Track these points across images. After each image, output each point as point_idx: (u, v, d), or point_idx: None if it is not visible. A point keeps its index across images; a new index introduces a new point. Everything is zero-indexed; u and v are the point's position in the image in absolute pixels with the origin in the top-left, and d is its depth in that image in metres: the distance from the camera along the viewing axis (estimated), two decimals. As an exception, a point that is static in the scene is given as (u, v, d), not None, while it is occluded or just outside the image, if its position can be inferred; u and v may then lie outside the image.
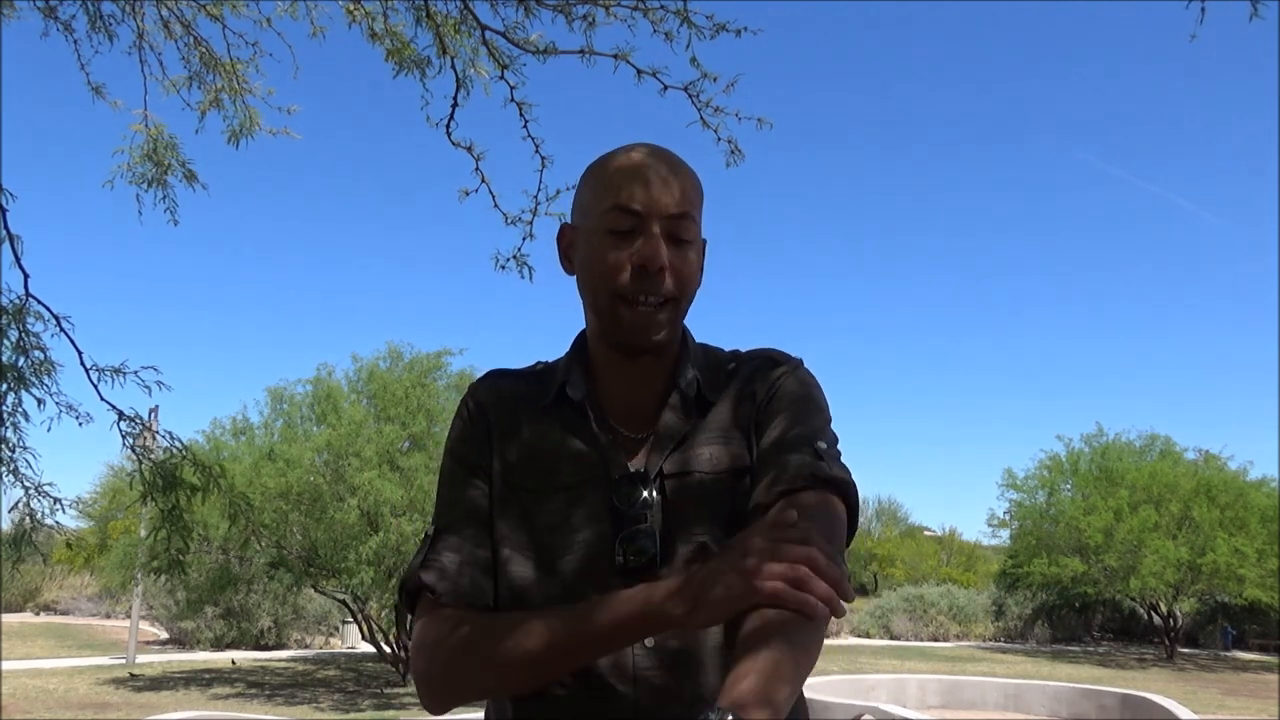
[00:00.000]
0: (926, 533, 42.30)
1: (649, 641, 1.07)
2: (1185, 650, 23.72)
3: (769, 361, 1.21)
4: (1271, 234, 45.04)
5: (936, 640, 25.85)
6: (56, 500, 3.74)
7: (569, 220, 1.23)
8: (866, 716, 9.47)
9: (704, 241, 1.21)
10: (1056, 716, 12.48)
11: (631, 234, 1.10)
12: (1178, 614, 23.00)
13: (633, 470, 1.13)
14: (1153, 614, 22.98)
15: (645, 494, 1.11)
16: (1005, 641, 26.29)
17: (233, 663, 16.31)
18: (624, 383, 1.18)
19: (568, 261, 1.21)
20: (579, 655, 1.01)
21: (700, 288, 1.20)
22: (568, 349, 1.23)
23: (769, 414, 1.15)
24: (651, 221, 1.10)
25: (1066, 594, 24.22)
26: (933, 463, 61.62)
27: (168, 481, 3.71)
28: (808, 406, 1.16)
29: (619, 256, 1.10)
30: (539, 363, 1.25)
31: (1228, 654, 23.90)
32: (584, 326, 1.22)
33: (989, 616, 27.33)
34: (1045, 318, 53.80)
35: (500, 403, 1.20)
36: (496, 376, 1.24)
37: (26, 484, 3.65)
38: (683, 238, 1.12)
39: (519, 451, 1.16)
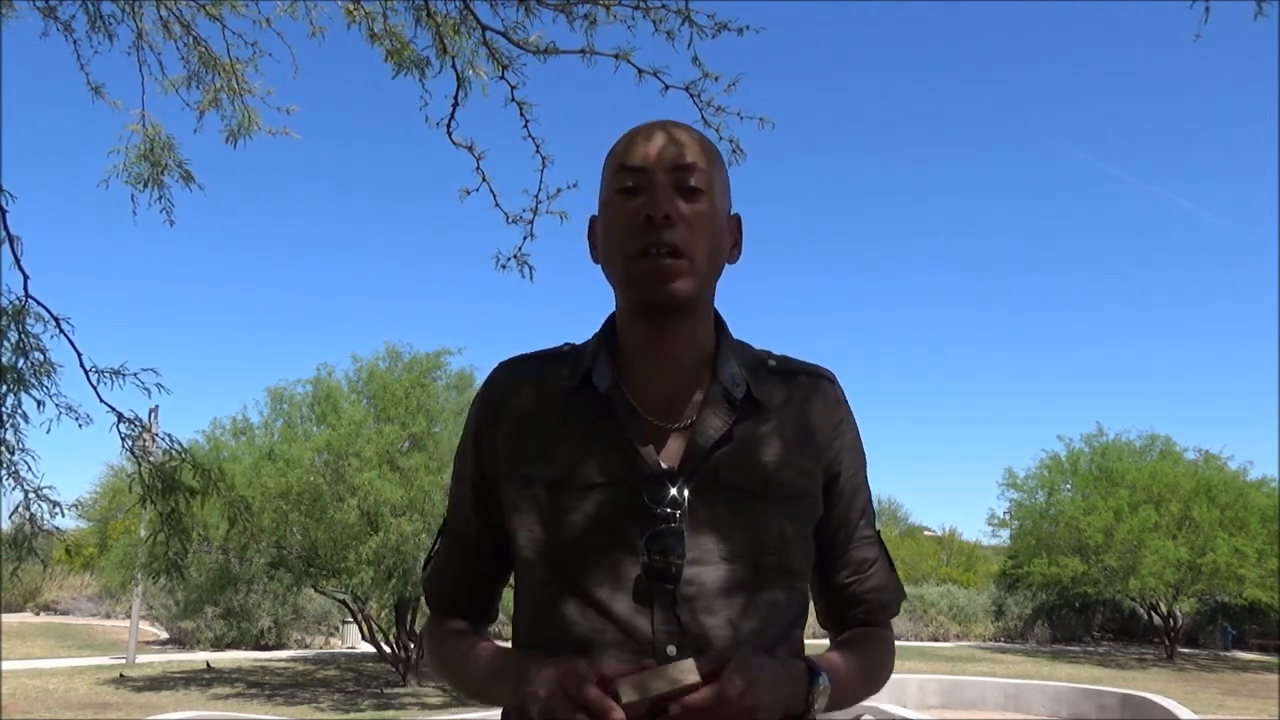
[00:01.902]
0: (926, 533, 42.30)
1: (671, 649, 1.02)
2: (1185, 650, 23.71)
3: (831, 390, 1.19)
4: (1271, 234, 45.03)
5: (936, 640, 25.84)
6: (56, 504, 3.73)
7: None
8: (866, 716, 9.46)
9: (736, 216, 1.18)
10: (1056, 716, 12.47)
11: (639, 191, 1.08)
12: (1178, 614, 22.99)
13: (665, 466, 1.07)
14: (1153, 614, 22.97)
15: (674, 492, 1.05)
16: (1005, 641, 26.30)
17: (207, 665, 16.22)
18: (654, 367, 1.12)
19: (595, 250, 1.17)
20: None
21: (737, 263, 1.17)
22: (597, 330, 1.18)
23: (837, 471, 1.16)
24: (655, 174, 1.08)
25: (1066, 594, 24.22)
26: (933, 463, 61.63)
27: (167, 485, 3.69)
28: (864, 474, 1.21)
29: (626, 212, 1.08)
30: (566, 344, 1.19)
31: (1228, 654, 23.90)
32: (614, 310, 1.17)
33: (989, 616, 27.33)
34: (1045, 318, 53.81)
35: (519, 394, 1.14)
36: (519, 363, 1.19)
37: (26, 487, 3.64)
38: (692, 186, 1.08)
39: (542, 444, 1.11)
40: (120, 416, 3.89)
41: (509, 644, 1.17)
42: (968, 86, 54.07)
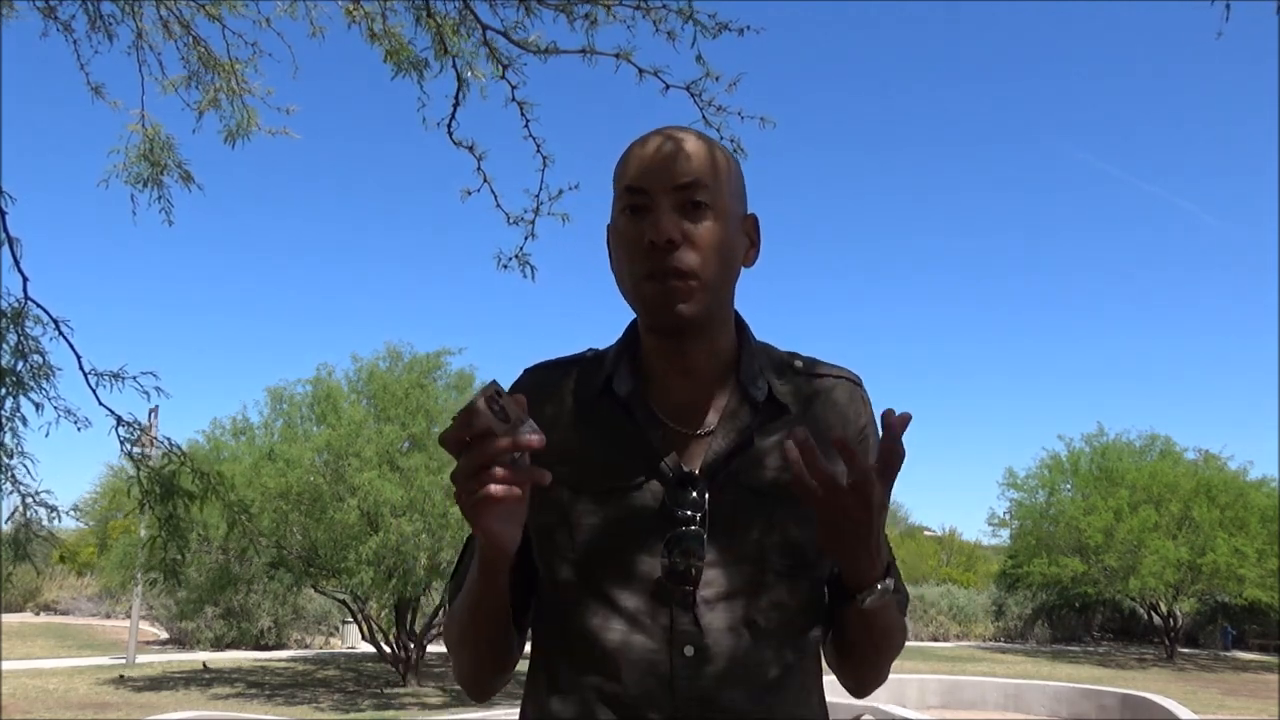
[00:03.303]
0: (926, 533, 42.31)
1: (688, 649, 1.03)
2: (1185, 650, 23.72)
3: (857, 393, 1.17)
4: (1271, 234, 45.04)
5: (936, 640, 25.84)
6: (53, 509, 3.71)
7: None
8: (866, 716, 9.46)
9: (753, 217, 1.17)
10: (1056, 716, 12.46)
11: (643, 211, 1.08)
12: (1178, 614, 23.00)
13: (686, 470, 1.08)
14: (1153, 614, 22.97)
15: (695, 495, 1.06)
16: (1005, 641, 26.30)
17: (204, 665, 16.20)
18: (675, 374, 1.12)
19: (613, 259, 1.17)
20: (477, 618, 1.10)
21: (753, 266, 1.16)
22: (620, 336, 1.18)
23: None
24: (658, 195, 1.07)
25: (1066, 594, 24.22)
26: (933, 463, 61.58)
27: (165, 489, 3.68)
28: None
29: (633, 236, 1.08)
30: (590, 350, 1.20)
31: (1228, 654, 23.91)
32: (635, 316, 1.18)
33: (989, 616, 27.34)
34: (1045, 318, 53.83)
35: (543, 399, 1.13)
36: (544, 370, 1.19)
37: (23, 491, 3.62)
38: (696, 201, 1.07)
39: (563, 448, 1.10)
40: (119, 420, 3.88)
41: (530, 650, 1.17)
42: (967, 86, 54.09)
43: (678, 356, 1.11)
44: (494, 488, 0.88)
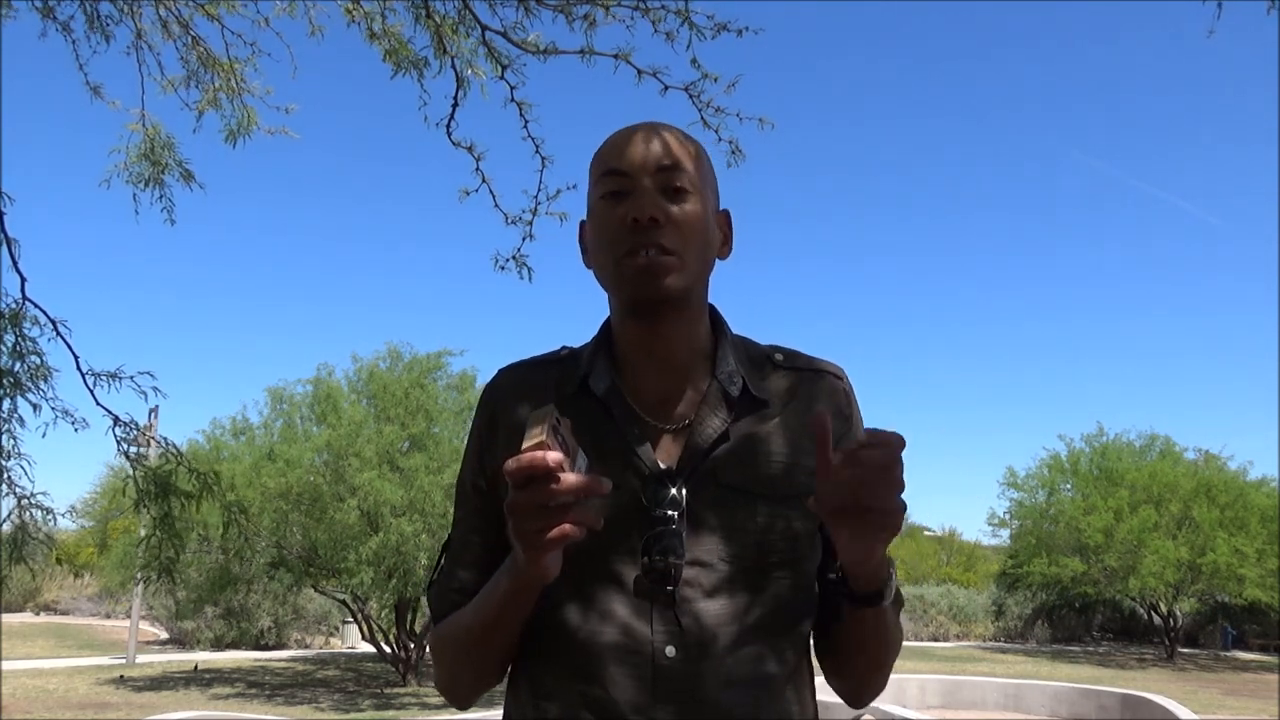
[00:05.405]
0: (926, 533, 42.24)
1: (670, 650, 1.02)
2: (1185, 650, 23.71)
3: (840, 386, 1.17)
4: (1271, 235, 45.06)
5: (936, 640, 25.83)
6: (49, 511, 3.71)
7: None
8: (867, 716, 9.46)
9: (725, 213, 1.18)
10: (1056, 716, 12.46)
11: (625, 195, 1.08)
12: (1178, 614, 22.99)
13: (664, 467, 1.06)
14: (1153, 614, 22.96)
15: (674, 492, 1.05)
16: (1005, 641, 26.29)
17: (195, 667, 16.20)
18: (651, 368, 1.11)
19: (586, 255, 1.17)
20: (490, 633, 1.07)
21: (727, 259, 1.17)
22: (594, 335, 1.17)
23: None
24: (640, 177, 1.08)
25: (1066, 594, 24.20)
26: (933, 463, 61.58)
27: (161, 489, 3.67)
28: None
29: (614, 216, 1.08)
30: (564, 348, 1.19)
31: (1228, 654, 23.89)
32: (608, 315, 1.17)
33: (989, 616, 27.32)
34: (1046, 317, 53.83)
35: (516, 400, 1.13)
36: (522, 369, 1.18)
37: (19, 493, 3.61)
38: (677, 186, 1.08)
39: None
40: (116, 420, 3.87)
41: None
42: (968, 86, 54.08)
43: (653, 343, 1.11)
44: (567, 528, 0.87)
